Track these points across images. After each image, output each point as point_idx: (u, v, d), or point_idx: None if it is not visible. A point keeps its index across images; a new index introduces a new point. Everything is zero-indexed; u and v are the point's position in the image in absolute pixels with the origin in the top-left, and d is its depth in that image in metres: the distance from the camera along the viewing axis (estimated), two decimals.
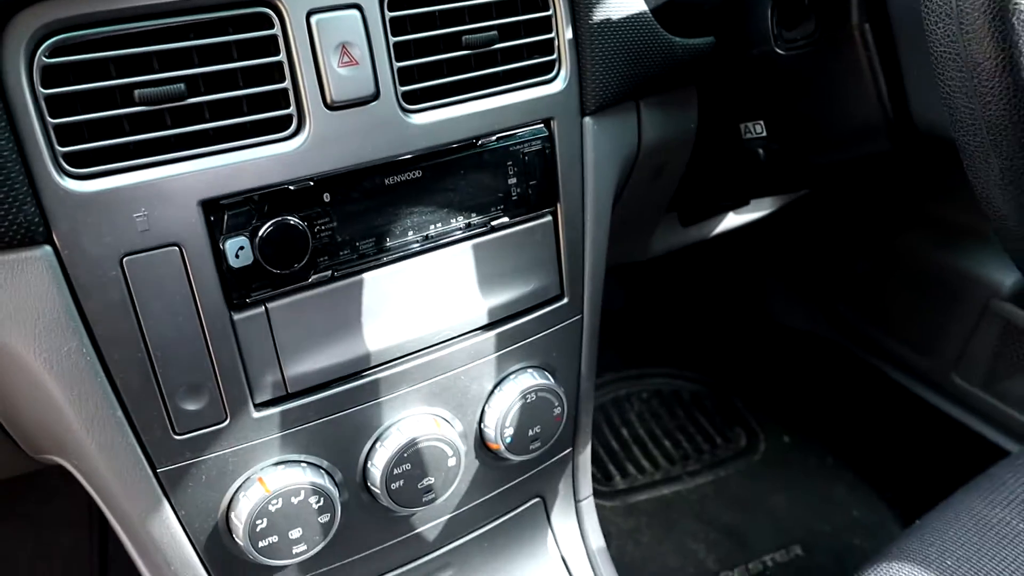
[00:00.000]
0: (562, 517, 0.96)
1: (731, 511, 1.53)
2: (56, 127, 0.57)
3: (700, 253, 1.36)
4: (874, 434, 1.66)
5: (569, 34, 0.77)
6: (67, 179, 0.58)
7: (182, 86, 0.60)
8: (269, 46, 0.63)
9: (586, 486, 0.97)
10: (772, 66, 0.86)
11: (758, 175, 0.96)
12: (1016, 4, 0.52)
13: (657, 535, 1.48)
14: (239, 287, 0.65)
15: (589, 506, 0.98)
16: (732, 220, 1.21)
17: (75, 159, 0.58)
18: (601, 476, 1.60)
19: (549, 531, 0.95)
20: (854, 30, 0.78)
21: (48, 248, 0.59)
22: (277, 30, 0.62)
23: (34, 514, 1.38)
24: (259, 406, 0.69)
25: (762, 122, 0.94)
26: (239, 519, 0.70)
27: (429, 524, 0.85)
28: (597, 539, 0.96)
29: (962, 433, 1.47)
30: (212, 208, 0.63)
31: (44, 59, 0.56)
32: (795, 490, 1.58)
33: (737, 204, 1.19)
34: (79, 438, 0.66)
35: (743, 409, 1.77)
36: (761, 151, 0.94)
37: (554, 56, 0.76)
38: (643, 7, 0.81)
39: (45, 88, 0.57)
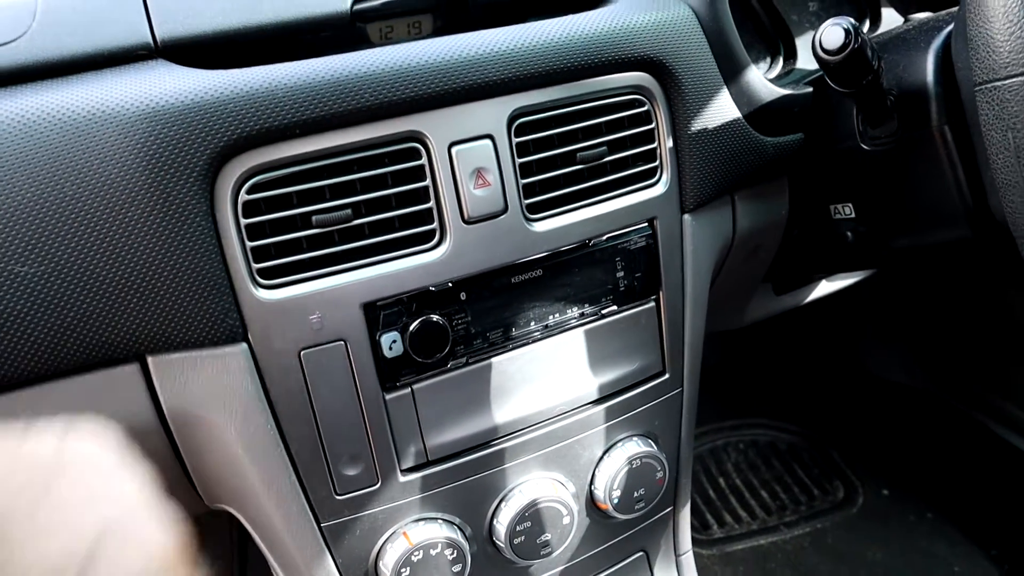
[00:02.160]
0: (664, 570, 1.04)
1: (829, 563, 1.57)
2: (252, 249, 0.71)
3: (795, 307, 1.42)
4: (977, 489, 1.65)
5: (670, 143, 0.87)
6: (260, 290, 0.72)
7: (349, 211, 0.73)
8: (417, 174, 0.75)
9: (686, 541, 1.05)
10: (858, 159, 0.93)
11: (846, 254, 1.03)
12: None
13: None
14: (391, 373, 0.77)
15: (688, 560, 1.06)
16: (825, 287, 1.27)
17: (265, 273, 0.72)
18: (699, 525, 1.66)
19: None
20: (934, 131, 0.85)
21: (244, 345, 0.73)
22: (424, 160, 0.75)
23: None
24: (405, 471, 0.81)
25: (851, 204, 1.01)
26: (386, 567, 0.82)
27: (545, 575, 0.95)
28: None
29: None
30: (371, 309, 0.75)
31: (245, 196, 0.70)
32: (894, 544, 1.59)
33: (829, 273, 1.25)
34: (259, 495, 0.79)
35: (840, 461, 1.80)
36: (850, 233, 1.01)
37: (657, 163, 0.87)
38: (737, 113, 0.90)
39: (245, 218, 0.71)
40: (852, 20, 0.75)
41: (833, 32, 0.75)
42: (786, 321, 1.76)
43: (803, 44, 1.07)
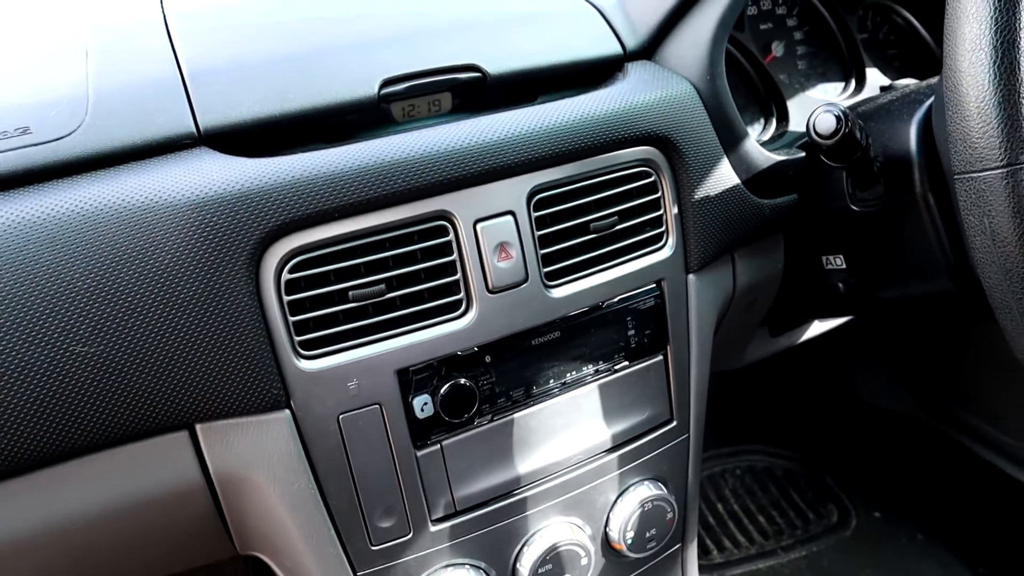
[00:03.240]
0: None
1: None
2: (294, 323, 0.77)
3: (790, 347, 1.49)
4: (965, 511, 1.73)
5: (675, 210, 0.93)
6: (302, 360, 0.78)
7: (383, 285, 0.79)
8: (445, 249, 0.81)
9: (693, 574, 1.12)
10: (848, 218, 1.00)
11: (837, 303, 1.10)
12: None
13: None
14: (422, 432, 0.83)
15: None
16: (818, 328, 1.34)
17: (306, 345, 0.78)
18: (699, 550, 1.72)
19: None
20: (918, 196, 0.91)
21: (287, 411, 0.78)
22: (451, 236, 0.81)
23: None
24: (435, 521, 0.87)
25: (842, 256, 1.08)
26: None
27: None
28: None
29: None
30: (403, 374, 0.81)
31: (287, 275, 0.76)
32: (886, 565, 1.66)
33: (822, 318, 1.32)
34: (298, 547, 0.84)
35: (834, 486, 1.86)
36: (841, 284, 1.07)
37: (663, 228, 0.93)
38: (736, 180, 0.97)
39: (287, 295, 0.76)
40: (842, 107, 0.82)
41: (826, 119, 0.82)
42: (781, 353, 1.83)
43: (794, 106, 1.14)
